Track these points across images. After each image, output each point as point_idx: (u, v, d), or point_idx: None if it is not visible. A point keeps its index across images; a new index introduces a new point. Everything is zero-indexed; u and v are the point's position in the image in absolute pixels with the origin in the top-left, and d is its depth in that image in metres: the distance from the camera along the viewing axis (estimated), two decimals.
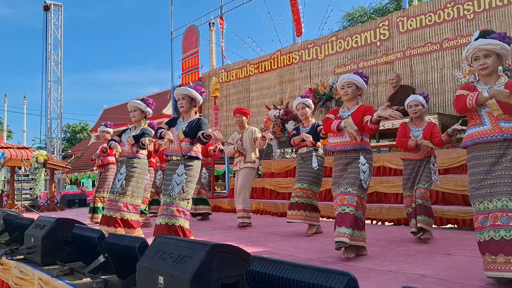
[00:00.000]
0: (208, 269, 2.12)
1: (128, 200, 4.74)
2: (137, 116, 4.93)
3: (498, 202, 2.58)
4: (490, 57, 2.75)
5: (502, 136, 2.65)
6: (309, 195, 4.93)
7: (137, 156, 4.85)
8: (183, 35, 12.22)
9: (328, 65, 8.72)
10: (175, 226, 4.00)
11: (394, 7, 21.34)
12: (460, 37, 6.80)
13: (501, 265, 2.49)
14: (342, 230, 3.43)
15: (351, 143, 3.65)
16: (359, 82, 3.74)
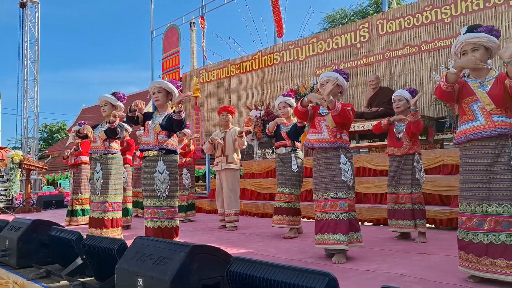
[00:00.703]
0: (188, 271, 2.10)
1: (112, 198, 4.68)
2: (107, 110, 4.81)
3: (499, 207, 2.56)
4: (478, 51, 2.72)
5: (497, 131, 2.60)
6: (292, 199, 4.91)
7: (110, 152, 4.74)
8: (164, 35, 12.12)
9: (309, 66, 8.77)
10: (169, 228, 3.94)
11: (374, 10, 21.62)
12: (438, 40, 6.93)
13: (501, 269, 2.51)
14: (340, 237, 3.39)
15: (329, 140, 3.57)
16: (339, 80, 3.69)
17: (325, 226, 3.49)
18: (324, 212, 3.52)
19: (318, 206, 3.60)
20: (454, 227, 5.23)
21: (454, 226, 5.21)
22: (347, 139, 3.66)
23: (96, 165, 4.70)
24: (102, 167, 4.68)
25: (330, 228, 3.45)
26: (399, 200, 4.42)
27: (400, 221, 4.42)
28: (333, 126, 3.58)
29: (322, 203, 3.55)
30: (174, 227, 4.00)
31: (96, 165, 4.70)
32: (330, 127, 3.59)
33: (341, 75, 3.72)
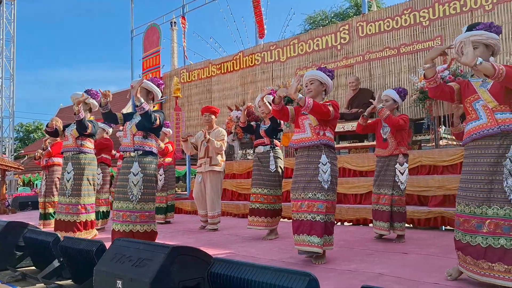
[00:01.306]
0: (168, 272, 2.08)
1: (85, 200, 4.55)
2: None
3: (501, 210, 2.48)
4: (477, 49, 2.67)
5: (499, 128, 2.52)
6: (271, 200, 4.82)
7: (82, 151, 4.58)
8: (144, 34, 11.99)
9: (290, 67, 8.80)
10: (142, 233, 3.79)
11: (354, 12, 21.85)
12: (416, 42, 7.05)
13: (499, 273, 2.44)
14: (314, 239, 3.31)
15: (311, 138, 3.50)
16: (322, 78, 3.63)
17: (301, 227, 3.41)
18: (300, 212, 3.44)
19: (295, 205, 3.51)
20: (431, 227, 5.33)
21: (432, 225, 5.31)
22: (331, 137, 3.55)
23: (68, 165, 4.53)
24: (74, 167, 4.51)
25: (305, 229, 3.38)
26: (380, 201, 4.44)
27: (376, 222, 4.47)
28: (316, 123, 3.52)
29: (299, 203, 3.47)
30: (148, 231, 3.85)
31: (68, 164, 4.54)
32: (313, 125, 3.52)
33: (325, 73, 3.65)
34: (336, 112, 3.55)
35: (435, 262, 3.34)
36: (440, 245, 4.11)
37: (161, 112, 4.02)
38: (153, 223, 3.92)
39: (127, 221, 3.77)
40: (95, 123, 4.69)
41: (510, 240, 2.42)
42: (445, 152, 5.78)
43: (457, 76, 6.02)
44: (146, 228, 3.83)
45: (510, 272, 2.39)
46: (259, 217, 4.80)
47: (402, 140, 4.36)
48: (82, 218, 4.51)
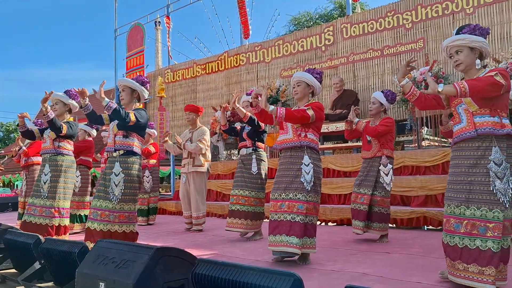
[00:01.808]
0: (152, 274, 2.07)
1: (60, 204, 4.43)
2: (58, 109, 4.57)
3: (477, 210, 2.50)
4: (461, 53, 2.70)
5: (476, 131, 2.57)
6: (252, 203, 4.77)
7: (60, 153, 4.46)
8: (128, 33, 11.88)
9: (274, 68, 8.82)
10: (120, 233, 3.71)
11: (339, 14, 22.01)
12: (399, 44, 7.13)
13: (474, 275, 2.45)
14: (293, 240, 3.28)
15: (293, 139, 3.49)
16: (309, 80, 3.62)
17: (279, 227, 3.38)
18: (279, 212, 3.41)
19: (274, 206, 3.48)
20: (414, 227, 5.40)
21: (414, 225, 5.38)
22: (313, 138, 3.52)
23: (45, 167, 4.42)
24: (51, 169, 4.40)
25: (284, 229, 3.34)
26: (357, 200, 4.45)
27: (355, 221, 4.48)
28: (297, 125, 3.53)
29: (279, 203, 3.44)
30: (127, 232, 3.77)
31: (45, 166, 4.43)
32: (294, 127, 3.53)
33: (312, 75, 3.64)
34: (319, 114, 3.54)
35: (418, 262, 3.38)
36: (423, 244, 4.16)
37: (143, 110, 3.92)
38: (132, 224, 3.84)
39: (105, 221, 3.68)
40: (73, 124, 4.56)
41: (485, 241, 2.44)
42: (428, 153, 5.87)
43: (439, 77, 6.11)
44: (124, 229, 3.75)
45: (483, 274, 2.41)
46: (239, 219, 4.76)
47: (386, 142, 4.39)
48: (55, 222, 4.37)
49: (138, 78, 3.96)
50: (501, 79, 2.50)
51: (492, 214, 2.46)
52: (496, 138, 2.54)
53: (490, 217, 2.46)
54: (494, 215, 2.45)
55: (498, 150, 2.51)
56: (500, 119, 2.56)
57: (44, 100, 4.28)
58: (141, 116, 3.82)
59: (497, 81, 2.49)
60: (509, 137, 2.56)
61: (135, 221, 3.88)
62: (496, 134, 2.54)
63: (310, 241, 3.38)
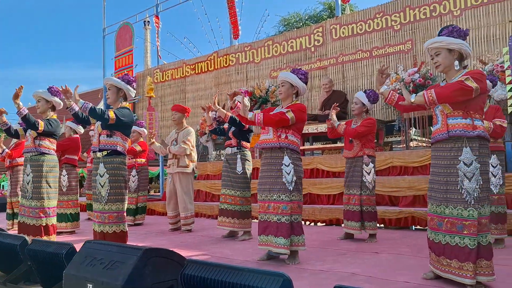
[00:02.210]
0: (141, 275, 2.05)
1: (45, 204, 4.38)
2: (41, 107, 4.53)
3: (454, 209, 2.64)
4: (440, 55, 2.79)
5: (448, 133, 2.67)
6: (238, 202, 4.82)
7: (41, 151, 4.39)
8: (116, 33, 11.79)
9: (264, 68, 8.83)
10: (111, 233, 3.72)
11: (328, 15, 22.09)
12: (388, 46, 7.19)
13: (455, 270, 2.59)
14: (281, 241, 3.38)
15: (272, 140, 3.53)
16: (293, 80, 3.64)
17: (268, 228, 3.48)
18: (267, 213, 3.50)
19: (262, 207, 3.57)
20: (402, 227, 5.45)
21: (403, 225, 5.42)
22: (293, 140, 3.55)
23: (27, 167, 4.38)
24: (33, 169, 4.36)
25: (272, 230, 3.44)
26: (350, 202, 4.52)
27: (348, 222, 4.54)
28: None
29: (266, 204, 3.53)
30: (117, 232, 3.77)
31: (27, 166, 4.38)
32: (274, 127, 3.56)
33: (297, 75, 3.67)
34: (299, 115, 3.56)
35: (406, 261, 3.41)
36: (411, 244, 4.20)
37: (126, 109, 3.87)
38: (122, 223, 3.83)
39: (99, 222, 3.74)
40: (53, 121, 4.49)
41: (463, 238, 2.58)
42: (415, 153, 5.92)
43: (427, 79, 6.17)
44: (115, 229, 3.75)
45: (462, 269, 2.55)
46: (227, 217, 4.86)
47: (367, 142, 4.47)
48: (42, 222, 4.35)
49: (124, 77, 3.93)
50: (472, 83, 2.60)
51: (467, 213, 2.59)
52: (467, 139, 2.64)
53: (466, 216, 2.59)
54: (469, 214, 2.58)
55: (469, 150, 2.62)
56: (472, 121, 2.66)
57: (15, 96, 4.20)
58: (123, 114, 3.78)
59: (466, 86, 2.59)
60: (481, 138, 2.66)
61: (123, 220, 3.86)
62: (468, 136, 2.64)
63: (297, 239, 3.46)
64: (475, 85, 2.59)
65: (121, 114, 3.75)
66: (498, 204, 3.91)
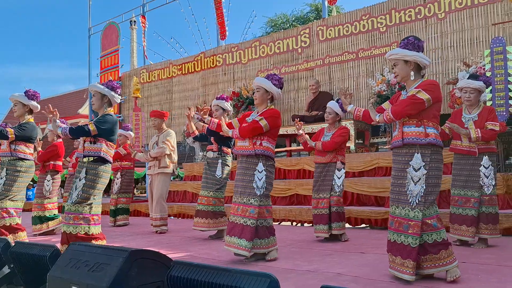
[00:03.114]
0: (126, 277, 2.04)
1: (7, 204, 4.41)
2: (18, 110, 4.50)
3: (402, 210, 2.81)
4: (397, 66, 2.94)
5: (403, 141, 2.83)
6: (211, 202, 4.91)
7: (18, 156, 4.41)
8: (102, 32, 11.69)
9: (251, 69, 8.84)
10: (74, 235, 3.63)
11: (315, 16, 22.20)
12: (374, 48, 7.25)
13: (398, 266, 2.78)
14: (243, 242, 3.47)
15: (248, 147, 3.62)
16: (267, 86, 3.69)
17: (234, 229, 3.57)
18: (236, 215, 3.60)
19: (233, 208, 3.67)
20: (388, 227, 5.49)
21: None
22: (268, 146, 3.63)
23: (3, 170, 4.41)
24: (8, 173, 4.40)
25: (237, 232, 3.53)
26: (319, 205, 4.59)
27: (318, 226, 4.59)
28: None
29: (236, 206, 3.63)
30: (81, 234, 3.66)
31: (3, 170, 4.41)
32: (251, 137, 3.63)
33: (272, 81, 3.71)
34: (272, 122, 3.62)
35: None
36: None
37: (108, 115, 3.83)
38: (87, 225, 3.71)
39: (65, 223, 3.71)
40: (25, 125, 4.47)
41: (407, 237, 2.75)
42: None
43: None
44: (78, 230, 3.66)
45: (403, 265, 2.73)
46: (201, 218, 4.93)
47: (340, 149, 4.61)
48: (6, 222, 4.39)
49: (109, 84, 3.91)
50: (424, 95, 2.77)
51: (413, 214, 2.76)
52: (420, 146, 2.79)
53: (411, 216, 2.76)
54: (415, 215, 2.75)
55: (419, 156, 2.78)
56: (424, 129, 2.81)
57: None
58: (104, 122, 3.75)
59: (417, 99, 2.78)
60: (432, 145, 2.80)
61: (91, 224, 3.73)
62: (420, 143, 2.79)
63: (261, 242, 3.56)
64: (426, 97, 2.76)
65: (101, 123, 3.73)
66: (489, 205, 3.95)
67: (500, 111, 5.08)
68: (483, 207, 3.94)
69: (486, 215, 3.93)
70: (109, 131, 3.80)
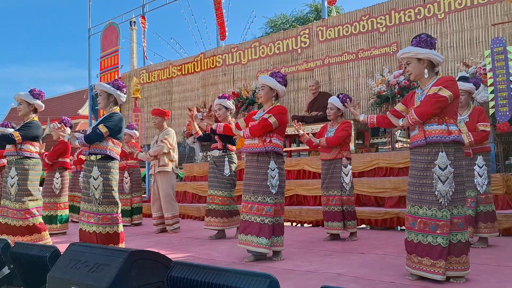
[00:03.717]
0: (126, 277, 2.04)
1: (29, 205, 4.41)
2: (23, 109, 4.52)
3: (428, 210, 2.76)
4: (410, 64, 2.93)
5: (425, 140, 2.79)
6: (226, 202, 4.94)
7: (24, 155, 4.42)
8: (102, 33, 11.69)
9: (251, 70, 8.84)
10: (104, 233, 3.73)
11: (314, 17, 22.21)
12: (373, 48, 7.25)
13: (427, 267, 2.72)
14: (262, 241, 3.51)
15: (258, 145, 3.64)
16: (271, 83, 3.73)
17: (249, 228, 3.59)
18: (250, 213, 3.62)
19: (245, 207, 3.68)
20: (388, 227, 5.50)
21: (388, 226, 5.47)
22: (277, 143, 3.68)
23: (11, 169, 4.41)
24: (18, 172, 4.40)
25: (254, 230, 3.55)
26: (330, 203, 4.60)
27: (330, 223, 4.61)
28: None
29: (250, 205, 3.64)
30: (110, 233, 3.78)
31: (11, 169, 4.41)
32: (261, 135, 3.65)
33: (276, 78, 3.75)
34: (281, 118, 3.67)
35: (392, 261, 3.44)
36: (396, 244, 4.24)
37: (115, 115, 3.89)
38: (115, 225, 3.84)
39: (91, 222, 3.75)
40: (30, 125, 4.50)
41: (436, 237, 2.71)
42: (401, 154, 5.98)
43: (412, 81, 6.24)
44: (108, 230, 3.78)
45: (435, 266, 2.68)
46: (215, 217, 4.95)
47: (345, 145, 4.62)
48: (30, 222, 4.39)
49: (115, 83, 4.00)
50: (445, 92, 2.75)
51: (441, 214, 2.73)
52: (443, 144, 2.77)
53: (440, 216, 2.73)
54: (443, 214, 2.72)
55: (444, 155, 2.76)
56: (447, 126, 2.79)
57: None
58: (113, 122, 3.84)
59: (440, 97, 2.75)
60: (456, 142, 2.78)
61: (118, 222, 3.86)
62: (443, 141, 2.76)
63: (276, 240, 3.62)
64: (448, 93, 2.75)
65: (111, 124, 3.82)
66: (486, 203, 3.98)
67: (503, 111, 5.08)
68: (481, 206, 3.96)
69: (484, 214, 3.96)
70: (117, 129, 3.89)
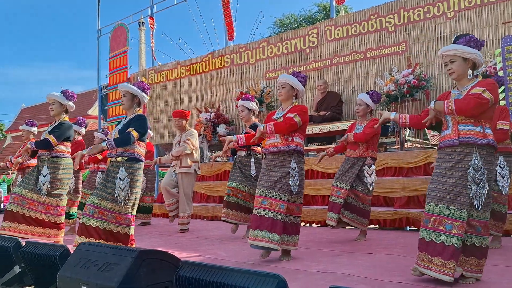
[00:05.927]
0: (135, 276, 2.05)
1: (61, 203, 4.55)
2: (55, 109, 4.62)
3: (446, 209, 2.69)
4: (454, 62, 2.82)
5: (459, 139, 2.72)
6: (248, 198, 4.94)
7: (56, 155, 4.52)
8: (111, 34, 11.76)
9: (259, 70, 8.83)
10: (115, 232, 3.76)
11: (323, 16, 22.15)
12: (382, 47, 7.21)
13: (437, 267, 2.65)
14: (274, 236, 3.45)
15: (280, 144, 3.62)
16: (293, 83, 3.73)
17: (262, 223, 3.51)
18: (263, 208, 3.55)
19: (257, 201, 3.63)
20: (397, 227, 5.46)
21: (397, 226, 5.44)
22: (299, 142, 3.68)
23: (43, 168, 4.48)
24: (50, 171, 4.50)
25: (267, 225, 3.48)
26: (334, 193, 4.59)
27: (329, 213, 4.57)
28: None
29: (261, 199, 3.57)
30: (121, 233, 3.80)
31: (43, 167, 4.49)
32: (286, 133, 3.64)
33: (297, 78, 3.75)
34: (304, 117, 3.69)
35: (401, 262, 3.42)
36: (405, 245, 4.22)
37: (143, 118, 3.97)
38: (127, 226, 3.84)
39: (103, 219, 3.74)
40: (62, 125, 4.59)
41: (450, 237, 2.64)
42: (410, 154, 5.94)
43: (421, 80, 6.20)
44: (119, 229, 3.80)
45: (445, 266, 2.61)
46: (235, 210, 4.92)
47: (372, 143, 4.55)
48: (57, 220, 4.53)
49: (140, 84, 4.06)
50: (488, 95, 2.68)
51: (459, 214, 2.66)
52: (477, 146, 2.70)
53: (457, 216, 2.65)
54: (461, 215, 2.65)
55: (478, 157, 2.68)
56: (483, 129, 2.72)
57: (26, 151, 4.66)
58: (142, 125, 3.91)
59: (483, 99, 2.67)
60: (490, 146, 2.72)
61: (131, 224, 3.87)
62: (478, 144, 2.70)
63: (287, 238, 3.58)
64: (491, 97, 2.68)
65: (141, 127, 3.88)
66: (501, 204, 3.93)
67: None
68: (495, 204, 3.89)
69: (497, 213, 3.91)
70: (144, 132, 3.95)
